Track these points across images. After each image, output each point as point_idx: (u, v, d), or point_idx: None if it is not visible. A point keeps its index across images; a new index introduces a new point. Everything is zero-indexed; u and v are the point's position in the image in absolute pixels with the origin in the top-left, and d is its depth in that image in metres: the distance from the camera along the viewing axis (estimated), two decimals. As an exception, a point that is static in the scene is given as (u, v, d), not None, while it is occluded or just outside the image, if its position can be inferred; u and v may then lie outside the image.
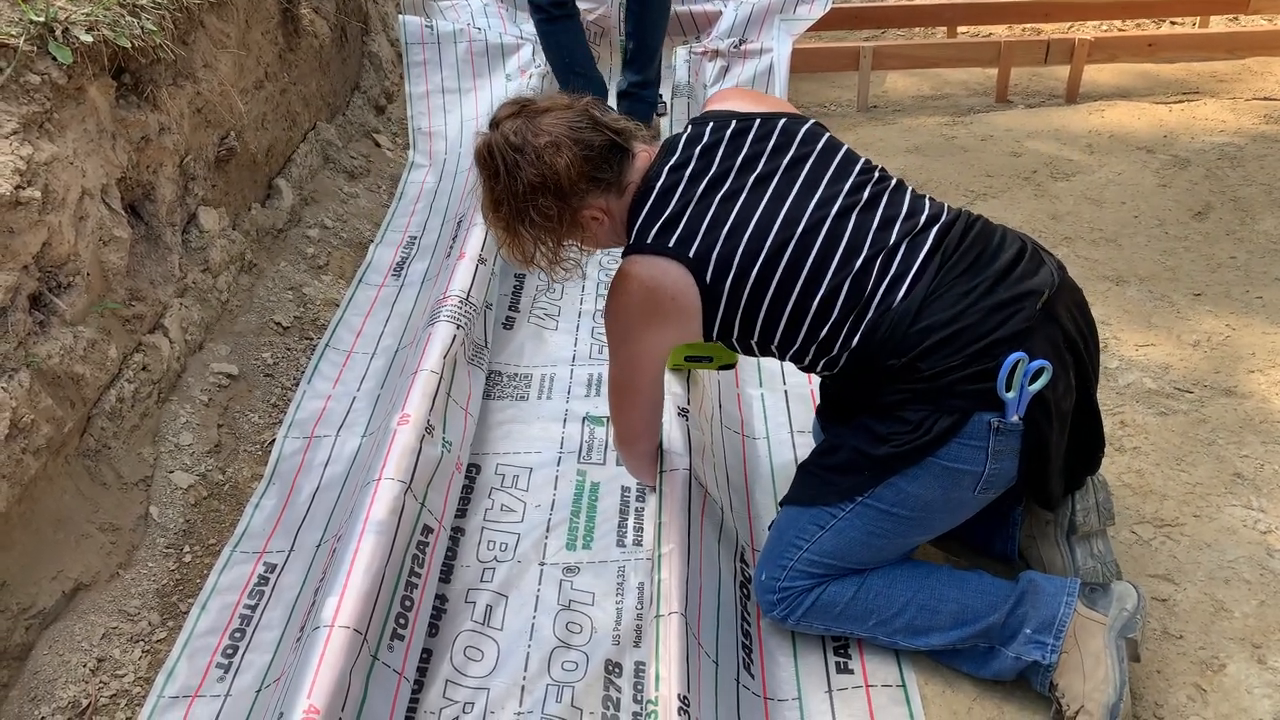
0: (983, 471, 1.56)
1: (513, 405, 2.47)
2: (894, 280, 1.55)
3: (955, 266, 1.55)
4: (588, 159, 1.62)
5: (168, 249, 2.32)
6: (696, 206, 1.61)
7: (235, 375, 2.37)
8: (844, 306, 1.56)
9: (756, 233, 1.58)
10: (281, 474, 2.20)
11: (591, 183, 1.64)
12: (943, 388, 1.52)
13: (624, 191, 1.67)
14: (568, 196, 1.63)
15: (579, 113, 1.66)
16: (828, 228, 1.58)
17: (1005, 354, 1.49)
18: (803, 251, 1.57)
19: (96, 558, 1.90)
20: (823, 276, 1.57)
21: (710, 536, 1.86)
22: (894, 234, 1.58)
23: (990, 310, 1.51)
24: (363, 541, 1.73)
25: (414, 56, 3.80)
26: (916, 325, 1.52)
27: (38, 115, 1.89)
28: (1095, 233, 3.00)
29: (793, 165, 1.64)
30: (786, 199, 1.60)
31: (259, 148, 2.78)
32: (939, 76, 4.18)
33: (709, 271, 1.58)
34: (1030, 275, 1.56)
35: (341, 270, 2.91)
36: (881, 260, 1.56)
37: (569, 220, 1.66)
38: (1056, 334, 1.55)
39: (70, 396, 1.92)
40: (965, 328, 1.51)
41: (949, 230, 1.58)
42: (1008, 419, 1.52)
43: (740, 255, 1.57)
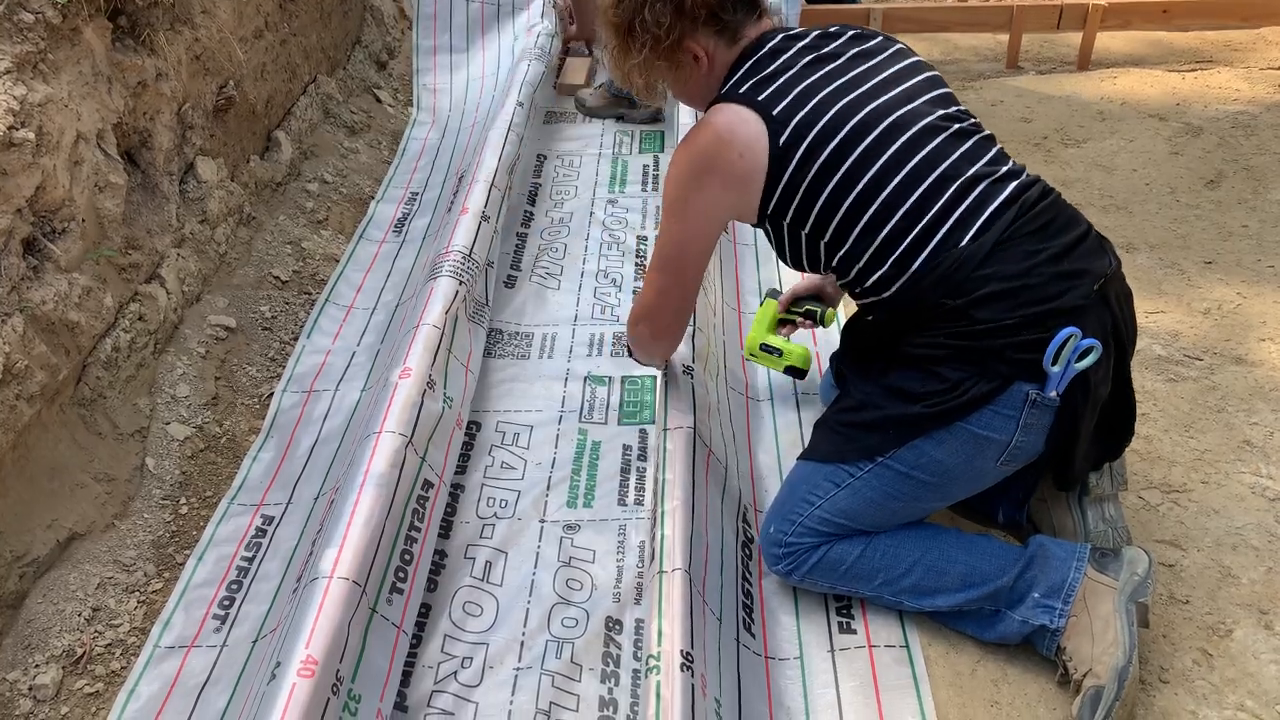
0: (1010, 442, 1.54)
1: (514, 364, 2.44)
2: (964, 216, 1.52)
3: (1027, 225, 1.52)
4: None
5: (165, 198, 2.28)
6: (798, 72, 1.59)
7: (233, 328, 2.34)
8: (905, 220, 1.53)
9: (844, 110, 1.55)
10: (280, 427, 2.17)
11: (712, 16, 1.64)
12: (990, 350, 1.49)
13: (735, 43, 1.67)
14: (684, 16, 1.62)
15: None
16: (913, 133, 1.54)
17: (1059, 326, 1.46)
18: (880, 144, 1.53)
19: (92, 508, 1.87)
20: (891, 178, 1.53)
21: (714, 496, 1.84)
22: (973, 171, 1.55)
23: (1054, 277, 1.49)
24: (363, 493, 1.70)
25: (425, 9, 3.72)
26: (982, 270, 1.49)
27: (31, 55, 1.84)
28: (1106, 199, 2.96)
29: (900, 74, 1.62)
30: (883, 95, 1.57)
31: (258, 98, 2.73)
32: (949, 41, 4.12)
33: (786, 133, 1.55)
34: (1092, 255, 1.55)
35: (341, 225, 2.87)
36: (954, 191, 1.53)
37: (673, 43, 1.64)
38: (1107, 318, 1.54)
39: (65, 344, 1.89)
40: (1028, 286, 1.48)
41: (1027, 189, 1.56)
42: (1046, 393, 1.50)
43: (821, 126, 1.54)
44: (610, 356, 2.45)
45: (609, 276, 2.76)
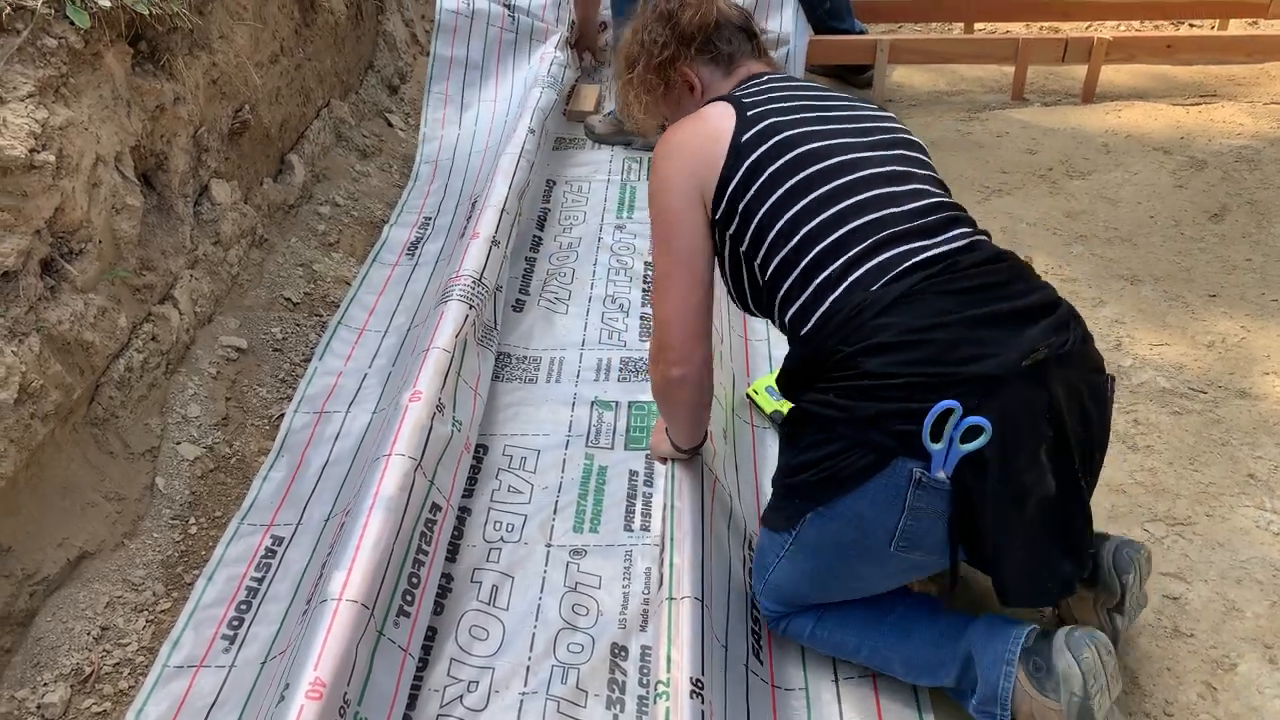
0: (896, 526, 1.38)
1: (521, 388, 2.46)
2: (884, 262, 1.41)
3: (952, 282, 1.38)
4: (718, 25, 1.71)
5: (179, 220, 2.31)
6: (784, 95, 1.62)
7: (244, 349, 2.35)
8: (823, 254, 1.45)
9: (809, 133, 1.54)
10: (290, 448, 2.19)
11: (706, 44, 1.70)
12: (872, 417, 1.35)
13: (730, 76, 1.72)
14: (680, 42, 1.69)
15: (744, 12, 1.79)
16: (865, 174, 1.50)
17: (958, 396, 1.30)
18: (828, 174, 1.50)
19: (102, 526, 1.89)
20: (823, 209, 1.47)
21: (720, 522, 1.85)
22: (912, 225, 1.45)
23: (967, 340, 1.33)
24: (372, 516, 1.72)
25: (445, 20, 3.76)
26: (881, 319, 1.36)
27: (54, 79, 1.87)
28: (1111, 232, 2.98)
29: (882, 129, 1.61)
30: (854, 137, 1.56)
31: (272, 122, 2.76)
32: (955, 72, 4.16)
33: (751, 132, 1.54)
34: (1038, 329, 1.36)
35: (352, 248, 2.89)
36: (882, 238, 1.43)
37: (666, 65, 1.70)
38: (1038, 400, 1.34)
39: (79, 364, 1.91)
40: (928, 341, 1.33)
41: (969, 251, 1.44)
42: (932, 474, 1.33)
43: (782, 137, 1.53)
44: (617, 381, 2.47)
45: (616, 301, 2.78)
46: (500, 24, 3.87)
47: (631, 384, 2.45)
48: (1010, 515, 1.37)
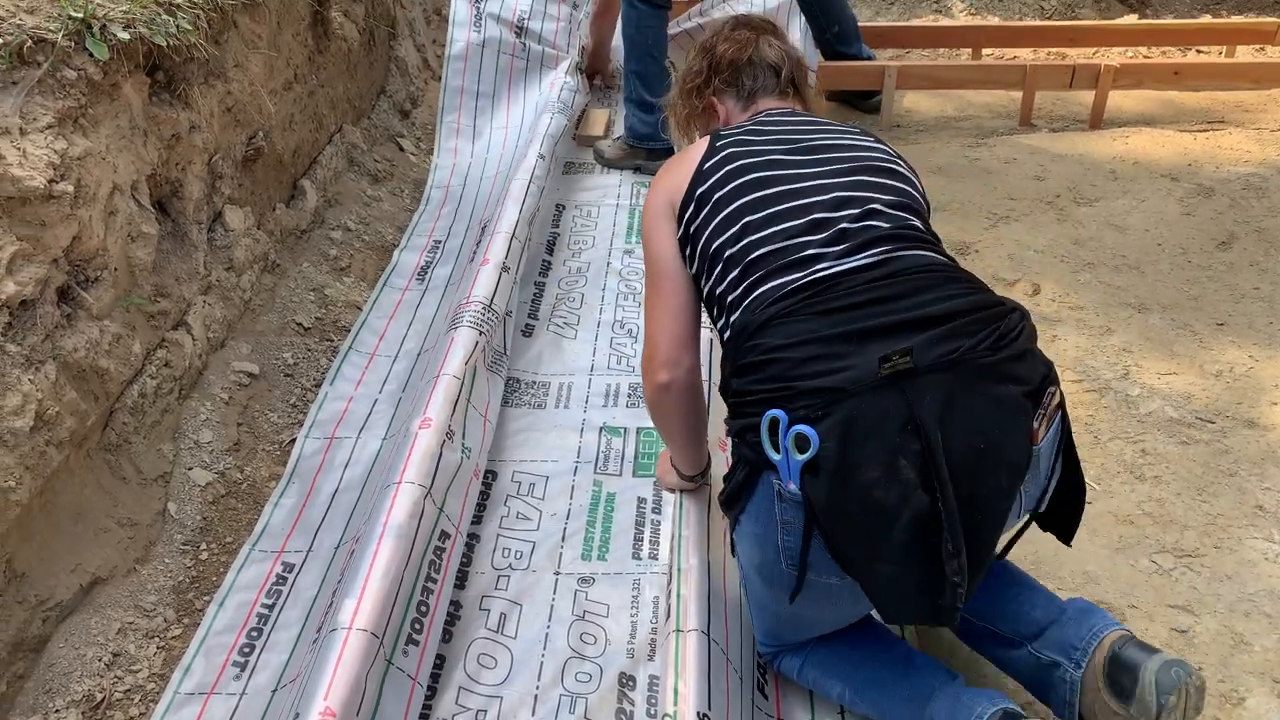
0: (778, 541, 1.38)
1: (530, 413, 2.47)
2: (775, 287, 1.45)
3: (830, 301, 1.39)
4: (749, 61, 1.83)
5: (193, 246, 2.33)
6: (768, 127, 1.71)
7: (256, 374, 2.37)
8: (738, 278, 1.51)
9: (760, 162, 1.60)
10: (301, 474, 2.20)
11: (731, 77, 1.84)
12: (738, 431, 1.40)
13: (749, 108, 1.84)
14: (712, 72, 1.85)
15: (790, 53, 1.88)
16: (801, 203, 1.52)
17: (789, 410, 1.30)
18: (763, 200, 1.54)
19: (114, 552, 1.90)
20: (748, 235, 1.52)
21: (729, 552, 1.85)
22: (826, 249, 1.45)
23: (816, 357, 1.33)
24: (381, 545, 1.73)
25: (456, 49, 3.81)
26: (752, 339, 1.41)
27: (73, 110, 1.90)
28: (1118, 259, 2.99)
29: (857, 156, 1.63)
30: (819, 165, 1.59)
31: (285, 148, 2.79)
32: (963, 98, 4.18)
33: (715, 158, 1.64)
34: (921, 336, 1.31)
35: (363, 273, 2.92)
36: (788, 261, 1.46)
37: (698, 90, 1.88)
38: (895, 408, 1.27)
39: (94, 390, 1.93)
40: (779, 360, 1.36)
41: (873, 269, 1.42)
42: (783, 484, 1.33)
43: (738, 165, 1.60)
44: (626, 407, 2.48)
45: (625, 327, 2.79)
46: (511, 51, 3.90)
47: (640, 409, 2.46)
48: (871, 531, 1.30)
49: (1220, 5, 4.87)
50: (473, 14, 3.84)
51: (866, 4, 4.89)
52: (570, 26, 4.10)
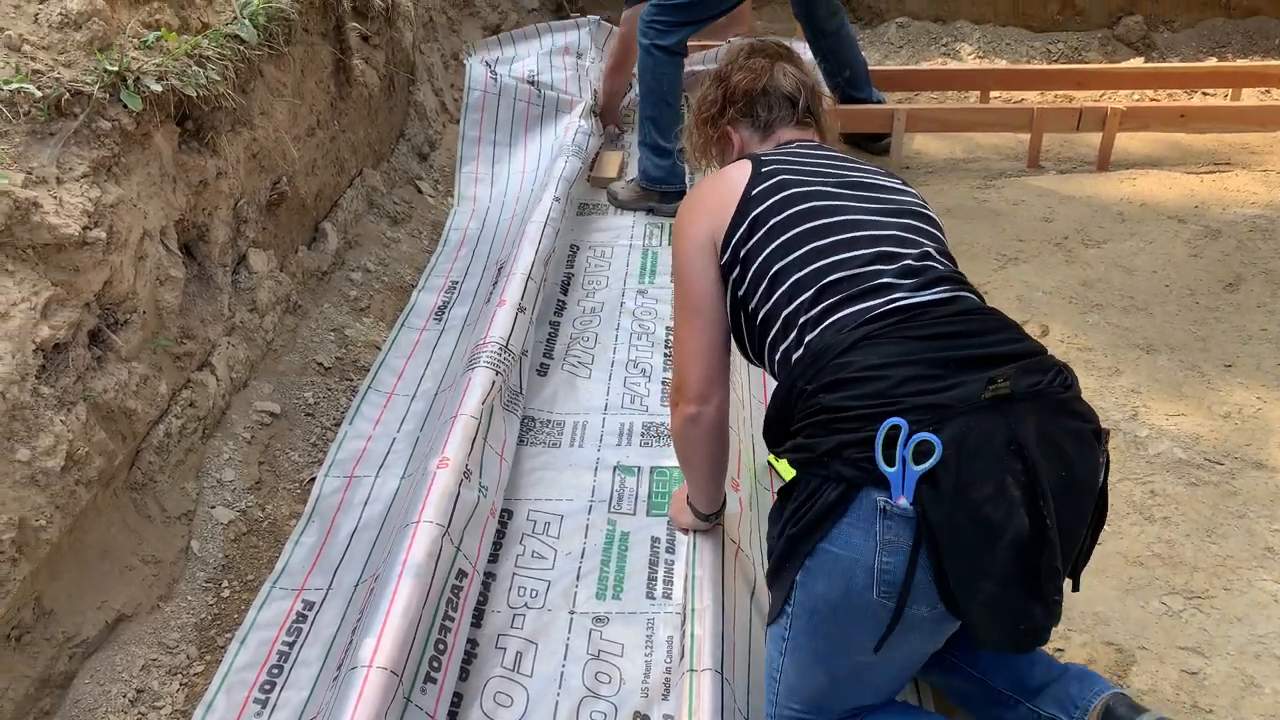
0: (874, 565, 1.31)
1: (545, 452, 2.51)
2: (856, 313, 1.44)
3: (916, 329, 1.40)
4: (764, 91, 1.83)
5: (218, 289, 2.39)
6: (805, 158, 1.71)
7: (277, 414, 2.42)
8: (802, 306, 1.49)
9: (816, 191, 1.60)
10: (321, 512, 2.24)
11: (746, 108, 1.84)
12: (831, 449, 1.34)
13: (767, 139, 1.84)
14: (727, 102, 1.85)
15: (806, 80, 1.87)
16: (860, 234, 1.53)
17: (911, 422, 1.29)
18: (821, 231, 1.54)
19: (139, 589, 1.94)
20: (810, 263, 1.52)
21: (742, 593, 1.88)
22: (892, 281, 1.47)
23: (921, 377, 1.33)
24: (401, 583, 1.76)
25: (473, 99, 3.92)
26: (842, 358, 1.39)
27: (106, 159, 1.96)
28: (1126, 300, 3.02)
29: (894, 198, 1.65)
30: (862, 203, 1.60)
31: (308, 192, 2.86)
32: (971, 140, 4.24)
33: (761, 185, 1.62)
34: (1009, 368, 1.33)
35: (382, 313, 2.97)
36: (866, 288, 1.46)
37: (714, 119, 1.88)
38: (998, 429, 1.29)
39: (122, 430, 1.97)
40: (882, 377, 1.34)
41: (948, 304, 1.44)
42: (894, 500, 1.29)
43: (791, 192, 1.60)
44: (639, 446, 2.51)
45: (638, 366, 2.84)
46: (527, 98, 4.00)
47: (653, 449, 2.50)
48: (979, 549, 1.29)
49: (1225, 48, 4.94)
50: (488, 74, 3.99)
51: (876, 47, 4.97)
52: (579, 73, 4.20)
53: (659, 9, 3.46)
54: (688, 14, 3.44)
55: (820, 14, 3.90)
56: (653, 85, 3.52)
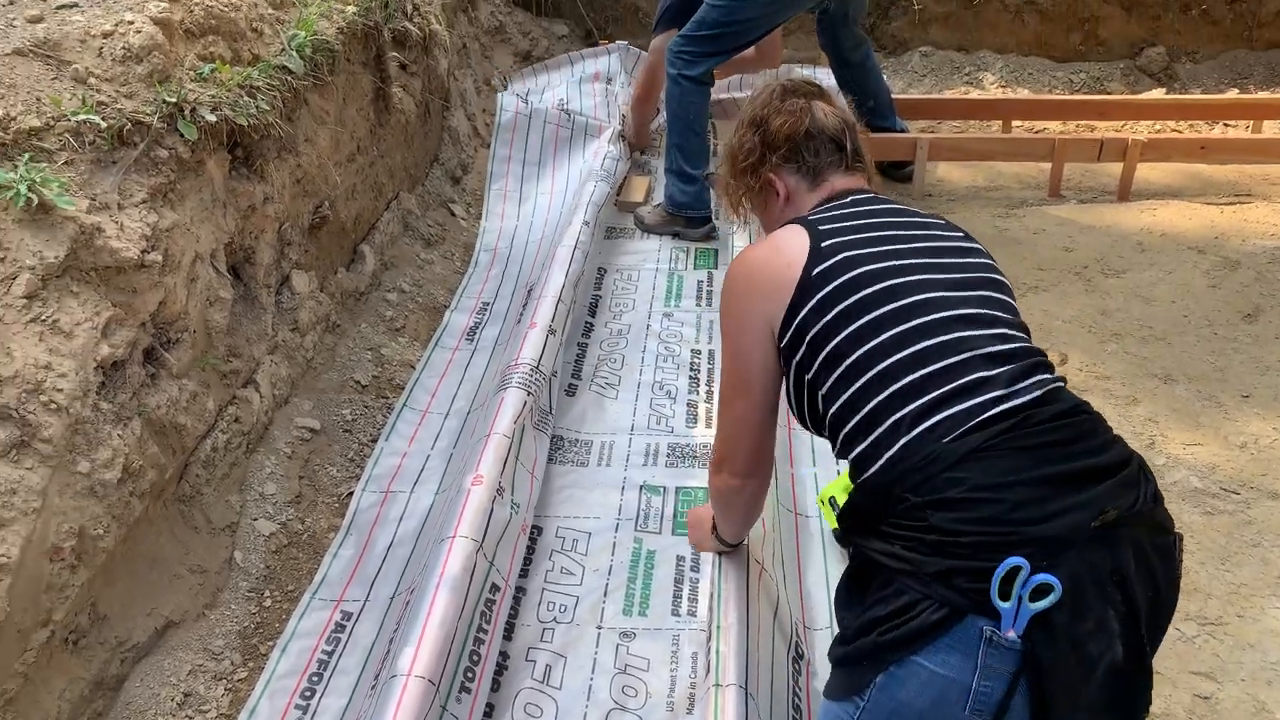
0: (971, 685, 1.29)
1: (574, 470, 2.58)
2: (958, 414, 1.37)
3: (1026, 438, 1.34)
4: (807, 134, 1.69)
5: (263, 309, 2.49)
6: (865, 223, 1.59)
7: (317, 430, 2.51)
8: (895, 397, 1.41)
9: (887, 269, 1.50)
10: (358, 526, 2.32)
11: (791, 153, 1.70)
12: (940, 572, 1.31)
13: (816, 188, 1.71)
14: (767, 149, 1.71)
15: (846, 119, 1.75)
16: (942, 316, 1.45)
17: (1012, 555, 1.26)
18: (904, 313, 1.45)
19: (186, 597, 2.03)
20: (898, 350, 1.43)
21: (766, 611, 1.94)
22: (990, 374, 1.39)
23: (1036, 499, 1.30)
24: (438, 596, 1.84)
25: (505, 121, 4.04)
26: (953, 472, 1.33)
27: (163, 186, 2.06)
28: (1145, 330, 3.07)
29: (965, 265, 1.56)
30: (933, 273, 1.51)
31: (348, 216, 2.96)
32: (993, 169, 4.30)
33: (824, 264, 1.51)
34: (1114, 488, 1.33)
35: (416, 333, 3.06)
36: (957, 386, 1.39)
37: (754, 168, 1.74)
38: (1104, 561, 1.29)
39: (172, 445, 2.07)
40: (997, 500, 1.31)
41: (1042, 405, 1.38)
42: (1002, 632, 1.27)
43: (858, 272, 1.49)
44: (665, 466, 2.58)
45: (664, 388, 2.91)
46: (556, 122, 4.11)
47: (679, 469, 2.57)
48: (1077, 682, 1.29)
49: (1248, 80, 4.98)
50: (519, 100, 4.11)
51: (899, 76, 5.05)
52: (608, 99, 4.31)
53: (686, 39, 3.55)
54: (715, 44, 3.53)
55: (846, 45, 3.99)
56: (680, 113, 3.61)
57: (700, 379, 2.94)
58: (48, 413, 1.70)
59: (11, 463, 1.65)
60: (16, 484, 1.63)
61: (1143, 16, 5.02)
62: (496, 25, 4.89)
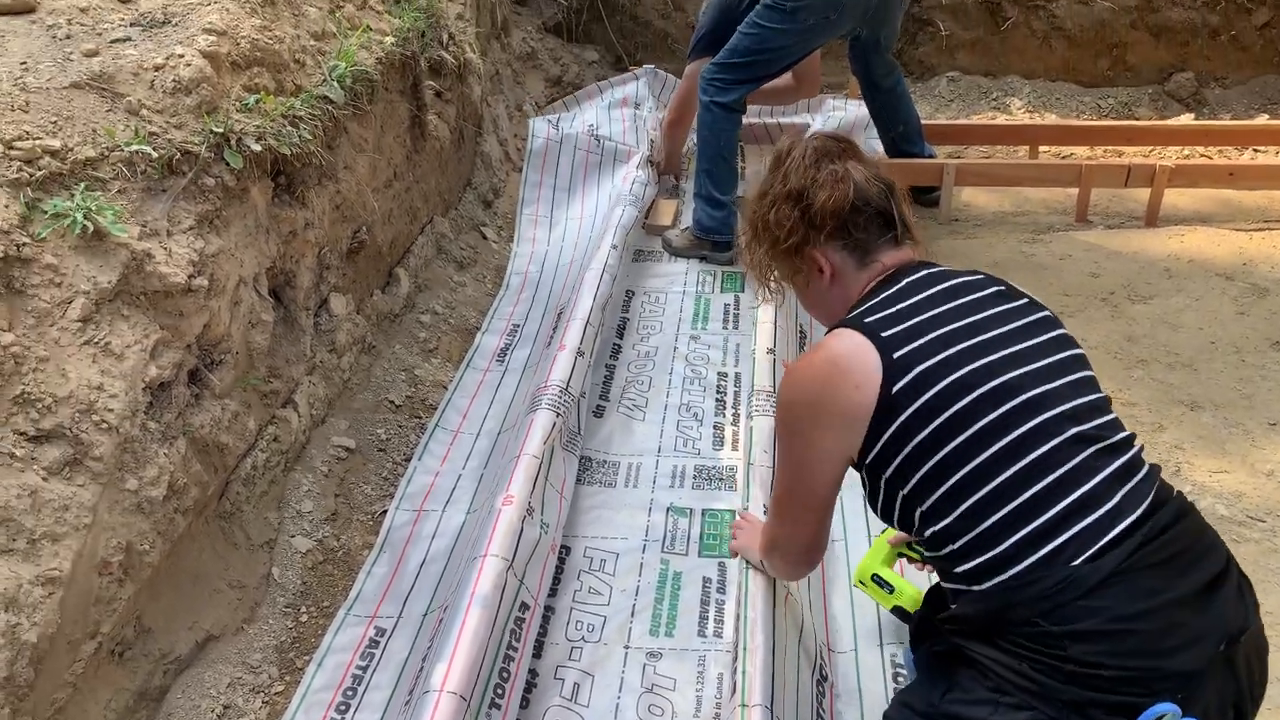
0: None
1: (602, 491, 2.63)
2: (1084, 532, 1.32)
3: (1154, 554, 1.31)
4: (855, 208, 1.57)
5: (302, 331, 2.56)
6: (931, 319, 1.47)
7: (352, 449, 2.57)
8: (1013, 516, 1.35)
9: (972, 375, 1.40)
10: (392, 544, 2.38)
11: (839, 230, 1.58)
12: (1076, 701, 1.28)
13: (865, 265, 1.60)
14: (810, 224, 1.59)
15: (885, 181, 1.63)
16: (1042, 420, 1.38)
17: (1164, 690, 1.25)
18: (1004, 424, 1.37)
19: (225, 612, 2.09)
20: (1007, 465, 1.36)
21: (791, 635, 1.97)
22: (1103, 477, 1.35)
23: (1171, 627, 1.28)
24: (469, 613, 1.89)
25: (536, 146, 4.13)
26: (1091, 601, 1.29)
27: (210, 213, 2.14)
28: (1171, 357, 3.08)
29: (1042, 347, 1.47)
30: (1019, 367, 1.42)
31: (384, 240, 3.04)
32: (1020, 194, 4.32)
33: (902, 382, 1.41)
34: (1227, 604, 1.32)
35: (449, 354, 3.13)
36: (1078, 498, 1.33)
37: (796, 246, 1.61)
38: (1229, 689, 1.30)
39: (215, 463, 2.13)
40: (1136, 632, 1.28)
41: (1160, 507, 1.35)
42: None
43: (942, 386, 1.39)
44: (691, 489, 2.62)
45: (691, 410, 2.95)
46: (586, 147, 4.18)
47: (705, 491, 2.60)
48: None
49: (1278, 105, 4.98)
50: (550, 130, 4.20)
51: (927, 101, 5.08)
52: (636, 124, 4.38)
53: (719, 66, 3.61)
54: (747, 72, 3.59)
55: (878, 71, 4.03)
56: (710, 140, 3.67)
57: (727, 401, 2.98)
58: (99, 432, 1.77)
59: (65, 480, 1.72)
60: (69, 500, 1.70)
61: (1171, 42, 5.03)
62: (528, 51, 4.98)
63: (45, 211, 1.82)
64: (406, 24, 3.17)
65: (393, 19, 3.17)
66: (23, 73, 2.05)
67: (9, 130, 1.87)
